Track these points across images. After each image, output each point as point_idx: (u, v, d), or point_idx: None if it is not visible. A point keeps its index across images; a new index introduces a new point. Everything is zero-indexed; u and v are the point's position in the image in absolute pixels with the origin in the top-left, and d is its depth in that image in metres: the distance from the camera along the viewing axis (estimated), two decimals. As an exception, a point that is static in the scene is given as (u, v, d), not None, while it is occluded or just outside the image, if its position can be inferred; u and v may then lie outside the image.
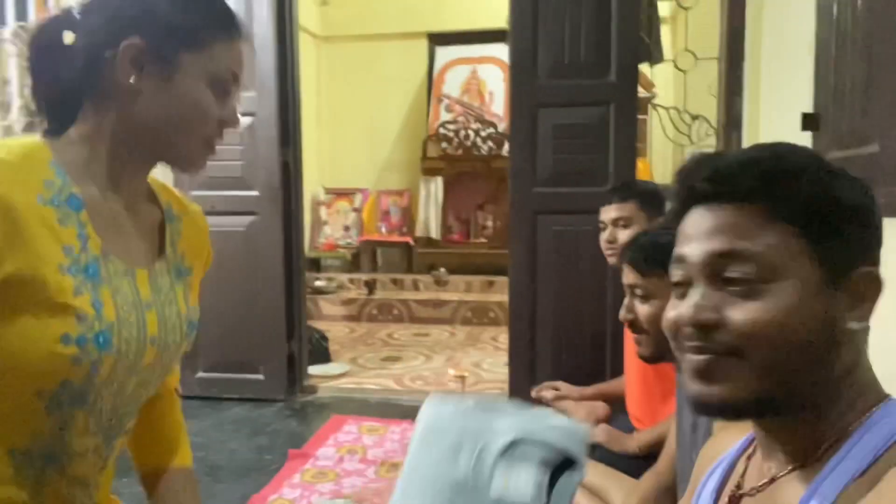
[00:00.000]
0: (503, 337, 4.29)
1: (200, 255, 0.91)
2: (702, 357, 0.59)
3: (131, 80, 0.75)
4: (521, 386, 2.86)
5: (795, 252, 0.57)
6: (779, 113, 2.41)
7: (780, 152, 0.61)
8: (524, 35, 2.73)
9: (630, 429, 2.03)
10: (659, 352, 1.28)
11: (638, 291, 1.30)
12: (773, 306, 0.56)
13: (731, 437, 0.77)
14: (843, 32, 1.76)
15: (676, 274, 0.63)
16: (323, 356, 3.60)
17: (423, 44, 5.79)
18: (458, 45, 5.70)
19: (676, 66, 2.82)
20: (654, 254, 1.26)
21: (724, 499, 0.69)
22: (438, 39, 5.76)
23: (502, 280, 5.02)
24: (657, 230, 1.36)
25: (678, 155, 2.88)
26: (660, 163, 2.98)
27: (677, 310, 0.62)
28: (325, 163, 5.82)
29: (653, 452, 1.79)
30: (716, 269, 0.59)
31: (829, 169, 0.60)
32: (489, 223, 5.43)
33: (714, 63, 2.80)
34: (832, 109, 1.84)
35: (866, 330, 0.61)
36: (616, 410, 2.22)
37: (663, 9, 2.80)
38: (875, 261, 0.61)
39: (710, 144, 2.84)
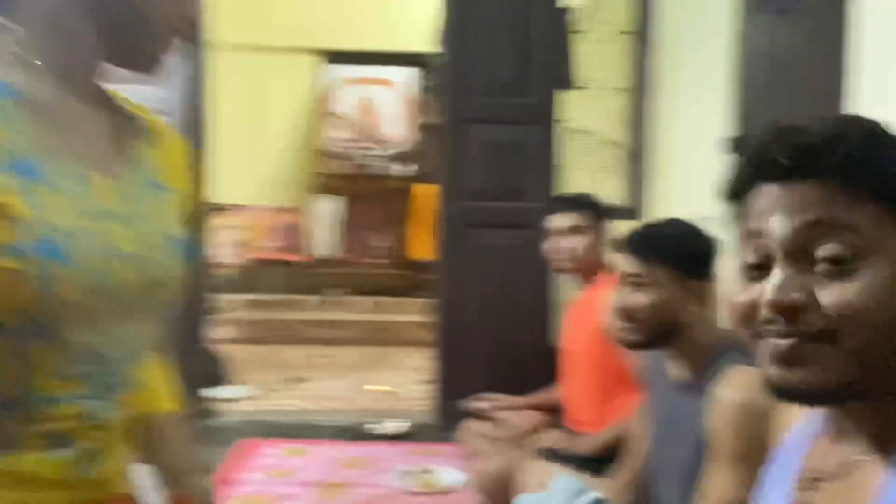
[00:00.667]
0: (405, 356, 4.25)
1: (180, 181, 0.77)
2: (787, 341, 0.55)
3: None
4: (448, 401, 2.84)
5: (886, 230, 0.55)
6: (690, 137, 2.67)
7: (868, 127, 0.58)
8: (456, 52, 2.79)
9: (569, 436, 2.10)
10: (650, 341, 1.32)
11: (637, 281, 1.32)
12: (868, 287, 0.54)
13: (793, 414, 0.76)
14: (762, 64, 2.01)
15: (751, 254, 0.59)
16: (218, 378, 3.33)
17: (315, 60, 5.68)
18: (351, 65, 5.67)
19: (590, 94, 3.02)
20: (656, 244, 1.30)
21: (801, 482, 0.67)
22: (331, 57, 5.69)
23: (401, 301, 4.99)
24: (659, 222, 1.40)
25: (586, 178, 3.07)
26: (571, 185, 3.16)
27: (755, 292, 0.58)
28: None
29: (606, 455, 1.86)
30: (805, 245, 0.55)
31: None
32: (382, 244, 5.40)
33: (624, 92, 3.05)
34: (752, 133, 2.09)
35: None
36: (551, 420, 2.28)
37: (579, 39, 3.01)
38: None
39: (612, 168, 3.07)
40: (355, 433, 2.76)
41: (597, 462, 1.88)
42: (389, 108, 5.59)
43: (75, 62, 0.66)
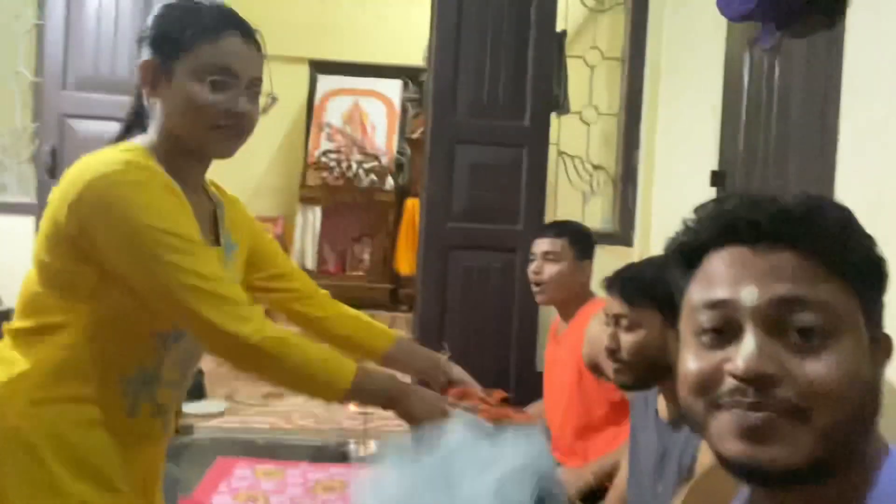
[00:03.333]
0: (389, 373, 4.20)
1: (243, 229, 1.08)
2: (758, 414, 0.53)
3: (146, 93, 0.95)
4: (425, 423, 2.80)
5: (852, 308, 0.55)
6: (676, 168, 2.67)
7: (842, 207, 0.58)
8: (445, 71, 2.77)
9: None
10: (639, 380, 1.33)
11: (624, 322, 1.33)
12: (839, 363, 0.52)
13: (720, 496, 0.72)
14: (753, 97, 2.00)
15: (712, 318, 0.57)
16: (197, 392, 3.25)
17: (305, 69, 5.66)
18: (340, 76, 5.65)
19: (581, 119, 3.01)
20: (642, 285, 1.31)
21: None
22: (320, 67, 5.66)
23: (382, 315, 4.94)
24: (645, 262, 1.42)
25: (576, 203, 3.06)
26: (555, 205, 3.15)
27: (714, 359, 0.56)
28: (190, 182, 5.39)
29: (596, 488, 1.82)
30: (777, 317, 0.54)
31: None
32: (366, 256, 5.35)
33: (614, 118, 3.04)
34: (740, 167, 2.08)
35: None
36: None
37: (571, 64, 3.00)
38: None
39: (608, 193, 3.06)
40: (333, 454, 2.71)
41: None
42: (379, 120, 5.56)
43: (183, 169, 0.95)
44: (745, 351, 0.53)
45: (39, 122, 2.65)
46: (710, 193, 2.26)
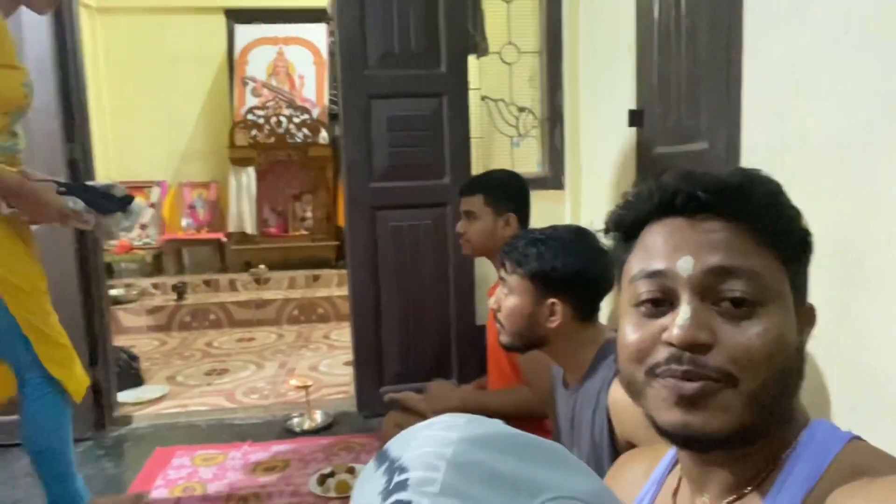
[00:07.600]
0: (336, 333, 4.15)
1: None
2: (692, 384, 0.55)
3: None
4: (369, 387, 2.77)
5: (780, 279, 0.57)
6: (599, 107, 2.57)
7: (773, 182, 0.60)
8: (351, 22, 2.58)
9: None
10: (515, 343, 1.37)
11: (506, 286, 1.37)
12: (768, 329, 0.54)
13: (643, 463, 0.74)
14: (664, 34, 1.90)
15: (651, 288, 0.58)
16: (133, 379, 3.15)
17: (220, 20, 5.29)
18: (260, 24, 5.31)
19: (502, 59, 2.87)
20: (516, 255, 1.35)
21: None
22: (237, 16, 5.31)
23: (328, 273, 4.85)
24: (529, 233, 1.41)
25: (504, 149, 2.95)
26: (485, 153, 3.04)
27: (652, 329, 0.57)
28: (111, 153, 5.10)
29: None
30: (711, 285, 0.56)
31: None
32: (308, 214, 5.19)
33: (536, 57, 2.91)
34: (656, 107, 1.99)
35: None
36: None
37: (486, 1, 2.83)
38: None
39: (534, 136, 2.96)
40: (278, 430, 2.66)
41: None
42: (307, 69, 5.28)
43: None
44: (681, 319, 0.55)
45: None
46: (630, 134, 2.18)
